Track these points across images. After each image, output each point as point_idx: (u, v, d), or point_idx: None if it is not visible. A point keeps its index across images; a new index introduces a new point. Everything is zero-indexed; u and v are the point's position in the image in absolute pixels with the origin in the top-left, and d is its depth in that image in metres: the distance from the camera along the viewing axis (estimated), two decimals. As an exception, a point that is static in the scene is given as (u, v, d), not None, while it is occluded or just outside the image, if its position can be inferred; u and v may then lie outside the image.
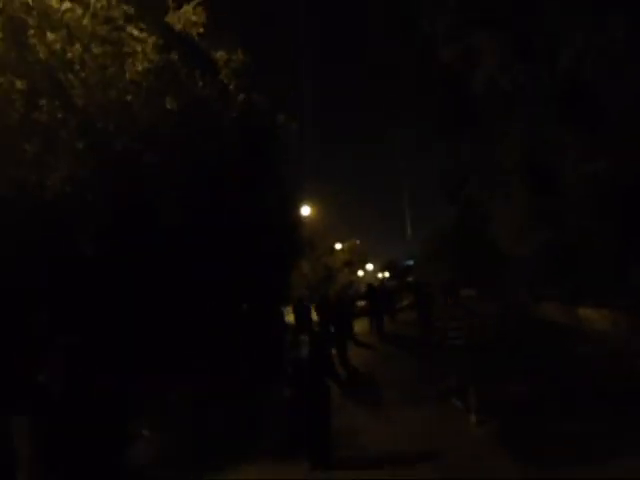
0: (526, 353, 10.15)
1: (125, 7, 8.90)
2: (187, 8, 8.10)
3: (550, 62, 8.65)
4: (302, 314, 14.21)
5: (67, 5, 8.39)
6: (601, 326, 12.65)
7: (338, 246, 41.23)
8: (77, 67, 8.46)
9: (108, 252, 9.82)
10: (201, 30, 8.16)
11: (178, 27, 7.98)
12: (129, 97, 7.79)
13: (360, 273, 52.89)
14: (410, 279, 42.63)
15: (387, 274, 71.27)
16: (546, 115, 9.64)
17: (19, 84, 7.85)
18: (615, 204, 10.14)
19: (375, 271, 65.86)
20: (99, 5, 8.71)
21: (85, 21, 8.48)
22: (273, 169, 11.04)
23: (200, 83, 8.44)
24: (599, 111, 8.45)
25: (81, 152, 8.59)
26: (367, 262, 52.47)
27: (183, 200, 9.72)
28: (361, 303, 20.49)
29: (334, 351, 12.98)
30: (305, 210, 27.94)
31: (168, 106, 7.93)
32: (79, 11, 8.22)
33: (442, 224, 25.32)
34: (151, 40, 7.52)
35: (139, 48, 7.52)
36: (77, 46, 8.40)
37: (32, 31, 8.09)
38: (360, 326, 17.09)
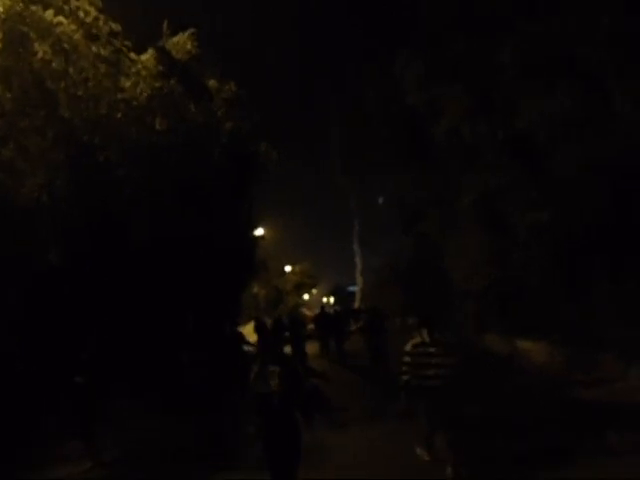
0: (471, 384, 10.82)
1: (113, 25, 9.15)
2: (182, 37, 8.46)
3: (506, 119, 9.70)
4: (263, 332, 14.46)
5: (59, 19, 8.55)
6: (536, 358, 13.68)
7: (288, 268, 41.58)
8: (64, 79, 8.59)
9: (74, 263, 9.80)
10: (193, 57, 8.51)
11: (176, 56, 8.31)
12: (119, 114, 7.98)
13: (306, 297, 53.26)
14: (357, 306, 43.44)
15: (332, 299, 71.63)
16: (499, 165, 10.68)
17: (8, 94, 7.88)
18: (554, 248, 11.27)
19: (320, 295, 66.30)
20: (88, 20, 8.92)
21: (76, 36, 8.65)
22: (246, 194, 11.40)
23: (192, 108, 8.77)
24: (546, 166, 9.53)
25: (60, 162, 8.65)
26: (316, 286, 52.98)
27: (154, 218, 9.89)
28: (311, 327, 20.83)
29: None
30: (259, 231, 28.16)
31: (157, 126, 8.17)
32: (72, 26, 8.38)
33: (394, 252, 26.32)
34: (149, 64, 7.79)
35: (135, 70, 7.76)
36: (63, 58, 8.54)
37: (23, 40, 8.19)
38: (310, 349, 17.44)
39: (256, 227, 23.21)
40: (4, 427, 7.70)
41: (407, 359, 5.59)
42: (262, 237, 27.99)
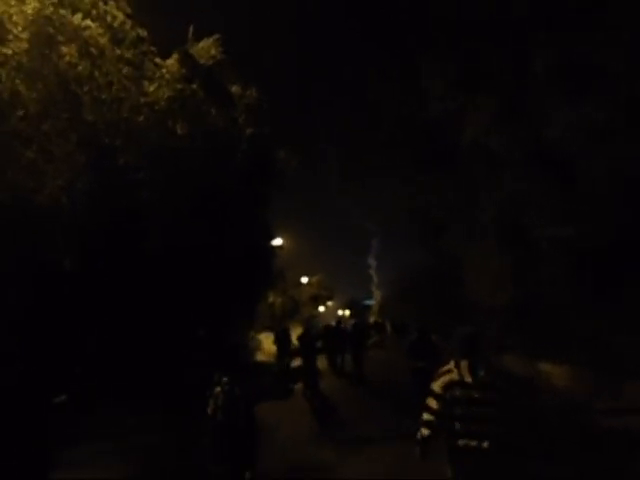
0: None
1: (139, 30, 9.22)
2: (207, 42, 8.47)
3: (536, 129, 9.44)
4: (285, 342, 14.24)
5: (87, 22, 8.64)
6: (557, 381, 13.19)
7: (304, 280, 41.38)
8: (88, 83, 8.64)
9: (88, 268, 9.78)
10: (217, 62, 8.49)
11: (200, 61, 8.32)
12: (141, 118, 7.98)
13: (321, 309, 52.96)
14: (374, 319, 42.93)
15: (347, 312, 71.31)
16: (525, 176, 10.40)
17: (34, 94, 7.95)
18: (580, 265, 10.88)
19: (335, 308, 66.00)
20: (115, 24, 9.01)
21: (103, 40, 8.72)
22: (264, 202, 11.30)
23: (213, 112, 8.74)
24: (573, 180, 9.24)
25: (82, 165, 8.67)
26: (332, 298, 52.64)
27: (172, 227, 9.83)
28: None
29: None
30: (277, 241, 28.08)
31: (178, 131, 8.15)
32: (99, 30, 8.47)
33: (412, 267, 25.98)
34: (174, 68, 7.79)
35: (159, 74, 7.76)
36: (89, 62, 8.60)
37: (50, 43, 8.28)
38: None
39: (274, 237, 23.16)
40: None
41: (434, 404, 3.71)
42: (280, 247, 27.93)
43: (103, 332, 9.04)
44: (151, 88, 7.94)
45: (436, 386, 3.66)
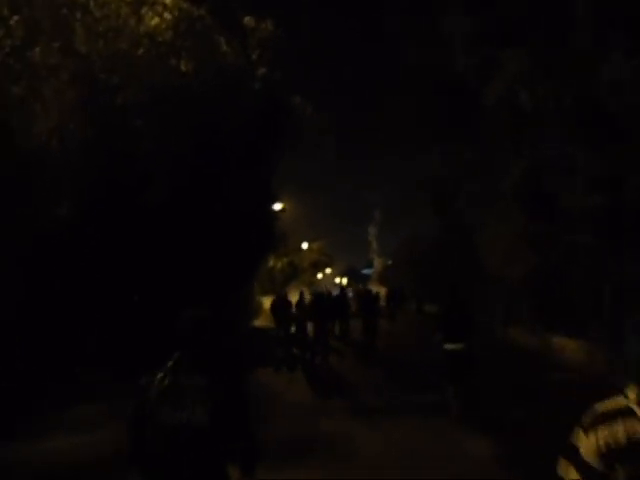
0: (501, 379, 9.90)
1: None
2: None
3: (578, 83, 8.53)
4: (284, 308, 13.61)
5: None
6: (573, 355, 12.68)
7: (304, 245, 40.79)
8: (81, 11, 7.67)
9: (82, 218, 9.02)
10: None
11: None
12: (141, 51, 7.06)
13: (319, 276, 52.59)
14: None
15: (345, 280, 71.11)
16: (558, 138, 9.55)
17: (13, 21, 7.00)
18: (609, 238, 10.19)
19: (333, 275, 65.78)
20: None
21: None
22: (275, 152, 10.41)
23: (223, 45, 7.77)
24: (619, 140, 8.39)
25: (74, 103, 7.80)
26: (331, 265, 52.21)
27: (174, 175, 9.02)
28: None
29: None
30: (278, 205, 27.29)
31: (183, 67, 7.24)
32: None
33: (418, 236, 25.28)
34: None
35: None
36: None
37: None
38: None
39: (278, 199, 22.38)
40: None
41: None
42: (283, 210, 27.18)
43: (97, 287, 8.35)
44: (152, 15, 6.97)
45: (589, 447, 1.47)
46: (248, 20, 8.25)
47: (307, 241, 41.55)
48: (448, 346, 6.88)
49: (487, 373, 8.87)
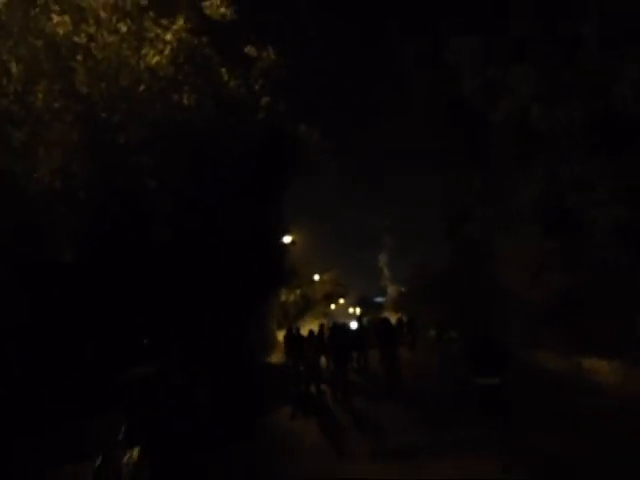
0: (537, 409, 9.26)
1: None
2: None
3: (591, 97, 8.27)
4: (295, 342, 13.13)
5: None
6: (607, 378, 11.97)
7: (316, 277, 40.37)
8: (82, 52, 7.61)
9: (88, 261, 8.76)
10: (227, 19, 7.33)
11: (207, 12, 7.16)
12: (142, 87, 6.92)
13: (332, 306, 51.92)
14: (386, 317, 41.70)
15: (358, 310, 70.24)
16: (574, 152, 9.23)
17: (14, 67, 6.95)
18: (636, 251, 9.72)
19: (347, 306, 64.96)
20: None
21: (96, 5, 7.67)
22: (281, 188, 10.20)
23: (224, 75, 7.62)
24: (636, 153, 8.08)
25: (77, 144, 7.67)
26: (345, 295, 51.57)
27: (178, 212, 8.78)
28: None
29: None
30: (288, 238, 27.11)
31: (185, 101, 7.09)
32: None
33: (431, 260, 24.88)
34: (177, 25, 6.72)
35: (159, 32, 6.69)
36: (87, 29, 7.55)
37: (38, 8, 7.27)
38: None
39: (287, 232, 22.18)
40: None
41: None
42: (293, 242, 26.96)
43: (105, 329, 8.03)
44: (153, 53, 6.86)
45: None
46: (249, 49, 8.13)
47: (318, 272, 41.15)
48: (479, 381, 6.32)
49: (520, 402, 8.27)
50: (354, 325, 21.48)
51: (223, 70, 7.65)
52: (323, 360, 14.13)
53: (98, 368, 7.36)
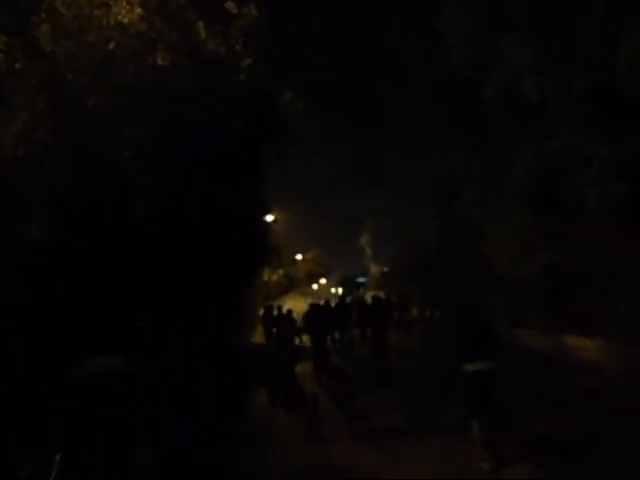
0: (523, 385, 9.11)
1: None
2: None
3: (590, 67, 7.91)
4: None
5: None
6: (590, 355, 11.97)
7: (299, 257, 40.09)
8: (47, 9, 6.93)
9: (58, 236, 8.18)
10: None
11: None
12: (112, 45, 6.32)
13: (314, 286, 51.83)
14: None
15: (340, 290, 70.46)
16: (569, 125, 8.92)
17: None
18: (630, 228, 9.54)
19: (329, 285, 65.00)
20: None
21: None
22: (264, 157, 9.67)
23: (203, 35, 7.03)
24: (636, 124, 7.79)
25: (42, 108, 7.04)
26: (327, 275, 51.51)
27: (156, 184, 8.22)
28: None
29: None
30: (269, 217, 26.61)
31: (160, 61, 6.52)
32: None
33: (416, 240, 24.68)
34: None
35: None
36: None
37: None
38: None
39: (269, 210, 21.67)
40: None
41: None
42: (275, 221, 26.50)
43: (73, 313, 7.50)
44: (125, 11, 6.24)
45: None
46: (230, 5, 7.48)
47: (300, 252, 40.88)
48: (469, 367, 5.48)
49: (506, 381, 8.06)
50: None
51: (201, 27, 7.04)
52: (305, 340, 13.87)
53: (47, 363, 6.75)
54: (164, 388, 7.34)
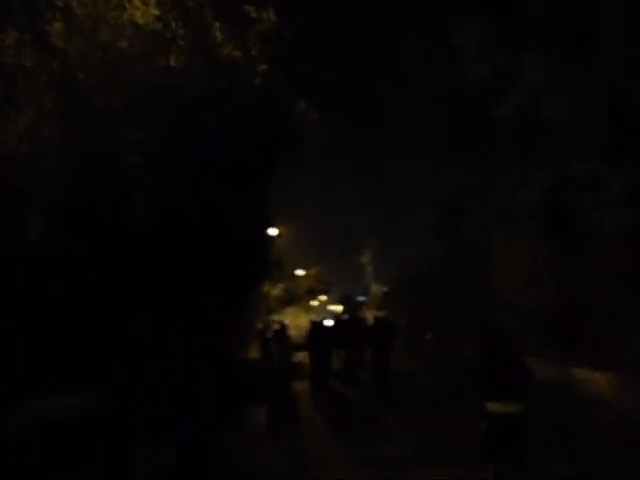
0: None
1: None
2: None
3: (610, 90, 7.75)
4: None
5: None
6: (601, 389, 11.56)
7: (300, 272, 39.77)
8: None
9: (58, 239, 7.94)
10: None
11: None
12: (124, 44, 6.17)
13: (314, 303, 51.41)
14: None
15: (340, 307, 69.92)
16: (587, 148, 8.73)
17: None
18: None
19: (328, 302, 64.52)
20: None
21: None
22: (273, 167, 9.48)
23: (219, 38, 6.88)
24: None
25: (49, 106, 6.88)
26: (329, 292, 51.01)
27: (164, 189, 8.01)
28: None
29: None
30: (273, 230, 26.45)
31: (173, 62, 6.36)
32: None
33: (416, 261, 24.39)
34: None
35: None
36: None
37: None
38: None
39: (274, 223, 21.48)
40: None
41: None
42: (279, 235, 26.31)
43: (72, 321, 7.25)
44: (137, 5, 6.11)
45: None
46: (248, 8, 7.33)
47: (302, 267, 40.58)
48: (495, 407, 4.76)
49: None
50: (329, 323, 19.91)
51: (217, 29, 6.90)
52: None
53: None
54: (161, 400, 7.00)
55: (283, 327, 14.59)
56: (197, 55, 6.69)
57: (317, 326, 12.76)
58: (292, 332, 16.96)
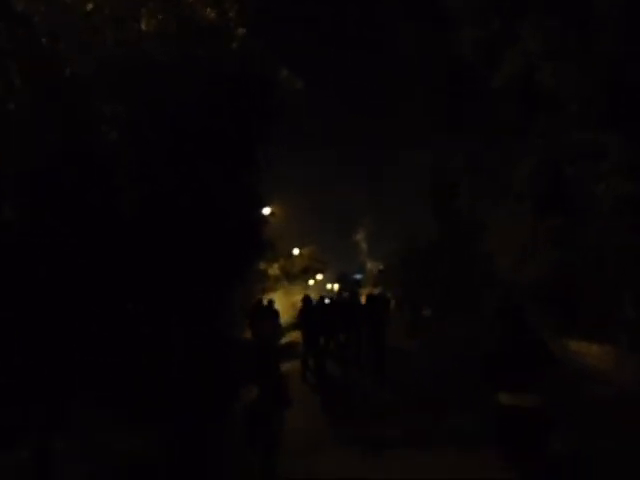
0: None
1: None
2: None
3: (608, 56, 7.33)
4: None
5: None
6: (597, 363, 11.44)
7: (296, 251, 39.55)
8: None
9: (32, 220, 7.53)
10: None
11: None
12: (90, 7, 5.70)
13: (310, 282, 51.34)
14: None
15: (336, 286, 70.31)
16: (585, 117, 8.35)
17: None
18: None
19: (325, 282, 64.63)
20: None
21: None
22: (258, 141, 9.05)
23: (191, -2, 6.39)
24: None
25: (12, 76, 6.42)
26: (324, 270, 50.92)
27: (142, 162, 7.59)
28: None
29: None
30: (266, 209, 26.07)
31: (143, 27, 5.90)
32: None
33: (413, 237, 24.17)
34: None
35: None
36: None
37: None
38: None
39: (266, 202, 20.97)
40: None
41: None
42: (272, 214, 25.94)
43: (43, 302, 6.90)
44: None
45: None
46: (221, -34, 6.84)
47: (298, 246, 40.36)
48: (506, 399, 3.95)
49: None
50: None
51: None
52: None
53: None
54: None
55: (270, 303, 14.23)
56: (169, 17, 6.22)
57: (309, 302, 12.41)
58: (290, 311, 16.69)
